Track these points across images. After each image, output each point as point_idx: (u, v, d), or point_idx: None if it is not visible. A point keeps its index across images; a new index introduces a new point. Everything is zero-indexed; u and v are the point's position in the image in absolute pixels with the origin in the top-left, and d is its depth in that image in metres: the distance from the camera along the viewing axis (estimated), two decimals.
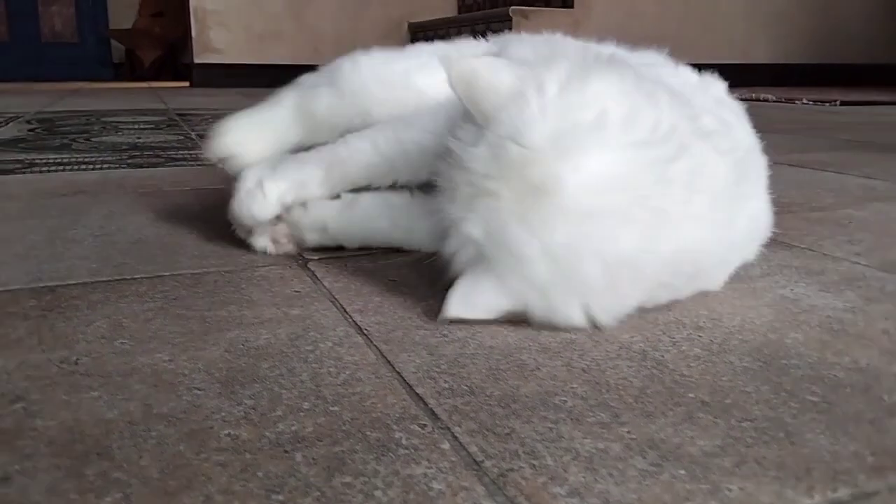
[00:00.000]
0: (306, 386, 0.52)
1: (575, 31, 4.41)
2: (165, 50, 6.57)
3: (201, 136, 2.06)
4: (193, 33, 4.96)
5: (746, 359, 0.57)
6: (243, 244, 0.88)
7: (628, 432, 0.46)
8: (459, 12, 5.42)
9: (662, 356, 0.57)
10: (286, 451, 0.44)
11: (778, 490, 0.40)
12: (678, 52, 0.83)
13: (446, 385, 0.52)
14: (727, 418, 0.48)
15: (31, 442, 0.44)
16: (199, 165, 1.52)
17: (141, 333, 0.62)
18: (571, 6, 4.39)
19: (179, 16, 5.76)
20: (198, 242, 0.90)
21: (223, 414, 0.48)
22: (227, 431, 0.46)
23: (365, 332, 0.62)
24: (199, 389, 0.52)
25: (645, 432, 0.46)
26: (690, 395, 0.51)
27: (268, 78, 4.99)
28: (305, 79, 0.95)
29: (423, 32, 5.22)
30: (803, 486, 0.41)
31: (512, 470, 0.42)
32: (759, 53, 4.72)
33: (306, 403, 0.50)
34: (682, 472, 0.42)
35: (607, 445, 0.44)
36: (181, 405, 0.49)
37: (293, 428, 0.46)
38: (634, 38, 0.94)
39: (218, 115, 2.67)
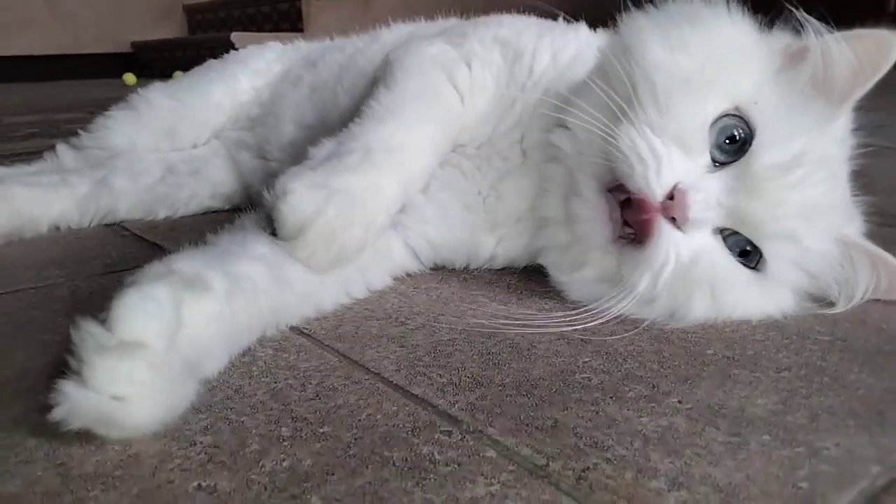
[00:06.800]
0: (270, 407, 0.40)
1: (365, 12, 4.24)
2: None
3: None
4: None
5: None
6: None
7: (679, 402, 0.40)
8: None
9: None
10: (294, 497, 0.33)
11: (869, 440, 0.36)
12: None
13: (443, 380, 0.43)
14: (765, 371, 0.44)
15: None
16: None
17: None
18: None
19: None
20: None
21: (178, 461, 0.35)
22: (195, 483, 0.34)
23: (305, 331, 0.51)
24: None
25: (696, 399, 0.40)
26: (709, 351, 0.46)
27: (16, 71, 4.38)
28: None
29: (202, 15, 4.86)
30: (889, 430, 0.37)
31: (588, 469, 0.34)
32: None
33: (284, 429, 0.38)
34: (767, 437, 0.37)
35: (670, 422, 0.38)
36: (111, 459, 0.36)
37: (285, 463, 0.35)
38: (422, 16, 0.88)
39: None
